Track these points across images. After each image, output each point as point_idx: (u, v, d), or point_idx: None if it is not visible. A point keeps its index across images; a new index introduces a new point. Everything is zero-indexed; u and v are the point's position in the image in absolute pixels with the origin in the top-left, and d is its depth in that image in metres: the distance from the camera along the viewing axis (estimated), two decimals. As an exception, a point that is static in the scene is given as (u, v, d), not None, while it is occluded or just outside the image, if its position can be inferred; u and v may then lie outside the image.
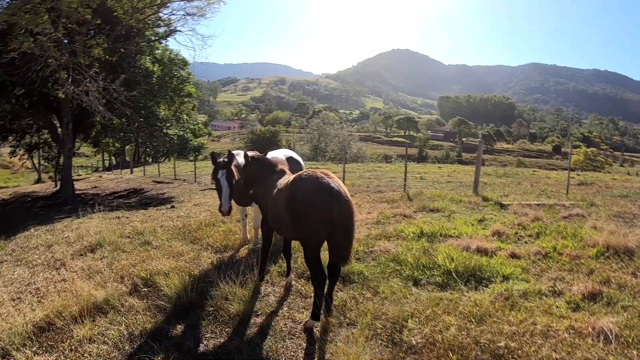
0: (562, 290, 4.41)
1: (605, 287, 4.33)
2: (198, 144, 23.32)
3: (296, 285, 4.60)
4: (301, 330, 3.67)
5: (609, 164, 41.73)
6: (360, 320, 3.70)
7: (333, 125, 55.23)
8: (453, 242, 6.20)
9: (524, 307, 3.93)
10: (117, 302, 4.34)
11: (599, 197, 10.49)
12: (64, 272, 5.84)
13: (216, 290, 4.23)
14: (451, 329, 3.32)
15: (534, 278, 4.83)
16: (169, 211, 10.69)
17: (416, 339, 3.26)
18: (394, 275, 4.84)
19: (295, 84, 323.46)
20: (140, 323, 3.92)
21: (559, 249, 5.77)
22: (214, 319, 3.93)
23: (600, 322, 3.39)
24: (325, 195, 3.42)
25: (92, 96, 11.82)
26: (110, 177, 26.98)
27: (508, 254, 5.68)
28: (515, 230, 7.04)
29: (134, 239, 7.25)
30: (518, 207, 9.34)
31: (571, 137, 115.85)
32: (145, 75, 16.01)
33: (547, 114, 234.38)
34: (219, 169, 5.08)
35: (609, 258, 5.28)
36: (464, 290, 4.45)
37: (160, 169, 26.27)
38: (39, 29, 10.92)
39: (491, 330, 3.34)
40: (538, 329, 3.44)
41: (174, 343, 3.59)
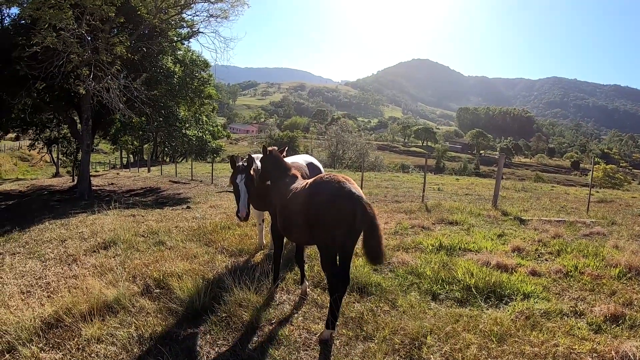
0: (583, 310, 4.25)
1: (627, 309, 4.17)
2: (216, 146, 23.48)
3: (312, 295, 4.50)
4: (316, 342, 3.54)
5: (627, 182, 40.53)
6: (377, 334, 3.58)
7: (351, 132, 55.01)
8: (472, 257, 6.04)
9: (545, 327, 3.79)
10: (128, 302, 4.27)
11: (620, 216, 10.18)
12: (76, 268, 5.85)
13: (230, 296, 4.14)
14: (471, 347, 3.20)
15: (554, 297, 4.66)
16: (185, 212, 10.70)
17: (436, 357, 3.16)
18: (412, 288, 4.73)
19: (314, 90, 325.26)
20: (150, 325, 3.83)
21: (580, 268, 5.58)
22: (227, 326, 3.82)
23: (623, 346, 3.25)
24: (346, 200, 3.36)
25: (112, 93, 11.96)
26: (127, 174, 27.37)
27: (528, 271, 5.50)
28: (535, 247, 6.84)
29: (148, 238, 7.24)
30: (538, 222, 9.11)
31: (590, 152, 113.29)
32: (167, 75, 16.21)
33: (567, 129, 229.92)
34: (238, 173, 5.00)
35: (631, 279, 5.11)
36: (484, 307, 4.31)
37: (177, 169, 26.54)
38: (63, 24, 11.13)
39: (512, 350, 3.22)
40: (560, 350, 3.31)
41: (184, 348, 3.51)
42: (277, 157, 4.63)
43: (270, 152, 4.68)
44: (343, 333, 3.64)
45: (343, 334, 3.64)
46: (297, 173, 4.42)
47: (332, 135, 52.09)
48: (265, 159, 4.67)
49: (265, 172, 4.71)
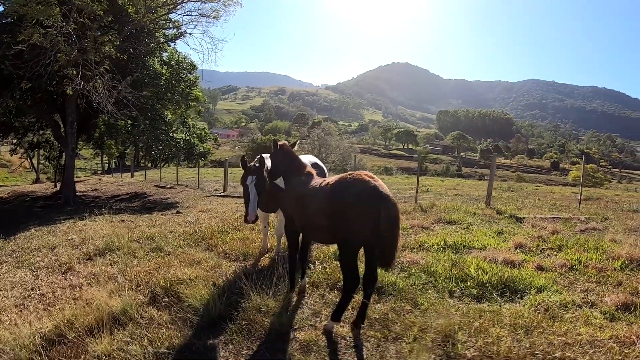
0: (594, 301, 4.43)
1: (636, 298, 4.37)
2: (204, 149, 23.28)
3: (329, 297, 4.48)
4: (347, 346, 3.51)
5: (608, 181, 42.13)
6: (407, 333, 3.61)
7: (334, 136, 55.54)
8: (478, 254, 6.18)
9: (564, 318, 3.94)
10: (135, 313, 4.08)
11: (611, 212, 10.59)
12: (71, 277, 5.65)
13: (247, 302, 4.04)
14: (503, 340, 3.28)
15: (565, 290, 4.82)
16: (175, 216, 10.59)
17: (471, 353, 3.21)
18: (427, 286, 4.80)
19: (295, 94, 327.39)
20: (165, 338, 3.61)
21: (584, 261, 5.81)
22: (249, 334, 3.69)
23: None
24: (373, 198, 3.38)
25: (102, 94, 11.70)
26: (110, 180, 26.86)
27: (534, 266, 5.68)
28: (536, 243, 7.05)
29: (144, 244, 7.09)
30: (534, 220, 9.39)
31: (569, 153, 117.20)
32: (154, 77, 15.97)
33: (545, 130, 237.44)
34: (248, 174, 4.75)
35: (633, 270, 5.37)
36: (501, 302, 4.41)
37: (161, 174, 26.24)
38: (50, 21, 10.83)
39: (542, 341, 3.33)
40: (585, 339, 3.44)
41: None
42: (290, 153, 4.60)
43: (281, 146, 4.65)
44: (371, 335, 3.64)
45: (371, 335, 3.64)
46: (313, 171, 4.41)
47: (315, 138, 52.41)
48: (276, 155, 4.64)
49: (276, 168, 4.67)
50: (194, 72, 18.76)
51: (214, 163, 44.10)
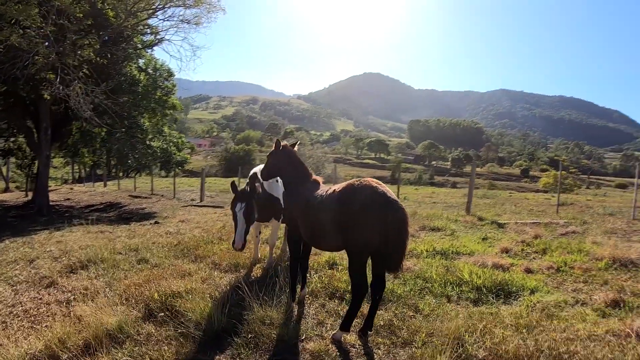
0: (584, 300, 4.71)
1: (623, 295, 4.66)
2: (181, 158, 22.86)
3: (330, 306, 4.52)
4: (358, 354, 3.54)
5: (577, 187, 44.06)
6: (415, 338, 3.70)
7: (307, 146, 56.00)
8: (468, 260, 6.41)
9: (559, 316, 4.18)
10: (132, 329, 3.93)
11: (588, 216, 11.16)
12: (56, 292, 5.44)
13: (251, 314, 4.01)
14: (509, 339, 3.43)
15: (555, 290, 5.09)
16: (154, 227, 10.44)
17: (482, 353, 3.34)
18: (424, 292, 4.94)
19: (267, 103, 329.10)
20: (168, 356, 3.49)
21: (569, 263, 6.16)
22: (256, 346, 3.64)
23: (635, 324, 3.69)
24: (382, 203, 3.47)
25: (81, 99, 11.35)
26: (82, 189, 26.04)
27: (523, 269, 5.97)
28: (521, 247, 7.39)
29: (128, 255, 6.92)
30: (515, 225, 9.82)
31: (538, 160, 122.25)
32: (131, 83, 15.64)
33: (515, 138, 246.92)
34: (238, 201, 4.80)
35: (617, 269, 5.75)
36: (497, 304, 4.60)
37: (136, 183, 25.84)
38: (29, 22, 10.45)
39: (545, 338, 3.51)
40: (583, 334, 3.66)
41: None
42: (294, 157, 4.60)
43: (284, 147, 4.62)
44: (380, 342, 3.70)
45: (380, 342, 3.70)
46: (319, 179, 4.45)
47: (289, 148, 52.55)
48: (277, 155, 4.61)
49: (274, 168, 4.65)
50: (171, 80, 18.51)
51: (186, 172, 43.37)
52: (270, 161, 4.74)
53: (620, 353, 3.24)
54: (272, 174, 4.82)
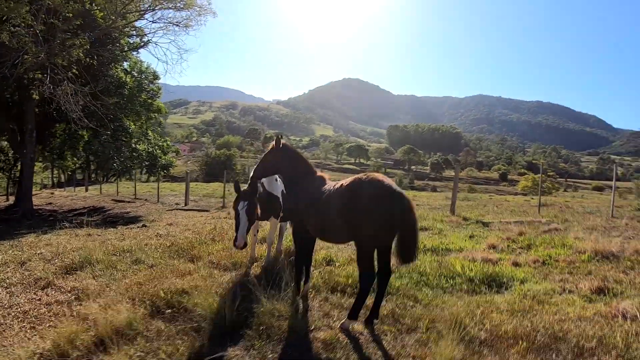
0: (571, 288, 5.09)
1: (606, 284, 5.06)
2: (167, 162, 22.64)
3: (333, 299, 4.73)
4: (367, 340, 3.74)
5: (555, 189, 45.50)
6: (419, 324, 3.96)
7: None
8: (458, 255, 6.75)
9: (550, 302, 4.53)
10: (141, 326, 3.96)
11: (568, 215, 11.72)
12: (54, 292, 5.40)
13: (260, 308, 4.15)
14: (507, 322, 3.74)
15: (543, 280, 5.47)
16: (143, 230, 10.43)
17: (483, 335, 3.63)
18: (421, 284, 5.22)
19: (246, 109, 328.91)
20: (183, 349, 3.56)
21: (554, 256, 6.59)
22: (268, 338, 3.76)
23: (621, 306, 4.07)
24: (390, 197, 3.71)
25: (71, 99, 11.20)
26: (63, 194, 25.46)
27: (510, 263, 6.35)
28: (507, 244, 7.80)
29: (122, 257, 6.90)
30: (499, 224, 10.25)
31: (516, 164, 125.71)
32: (118, 85, 15.49)
33: (493, 143, 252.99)
34: (240, 199, 4.86)
35: (599, 261, 6.20)
36: (490, 293, 4.92)
37: (118, 187, 25.44)
38: (18, 20, 10.26)
39: (539, 320, 3.83)
40: (573, 316, 4.01)
41: None
42: (296, 155, 4.74)
43: (284, 145, 4.72)
44: (385, 329, 3.93)
45: (386, 330, 3.92)
46: (325, 175, 4.64)
47: (270, 153, 52.85)
48: (278, 153, 4.69)
49: (272, 166, 4.74)
50: (156, 83, 18.40)
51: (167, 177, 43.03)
52: (269, 159, 4.77)
53: (609, 330, 3.59)
54: (268, 172, 4.93)
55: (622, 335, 3.46)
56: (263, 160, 4.86)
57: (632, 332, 3.53)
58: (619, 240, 6.93)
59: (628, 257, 6.14)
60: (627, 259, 6.08)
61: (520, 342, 3.44)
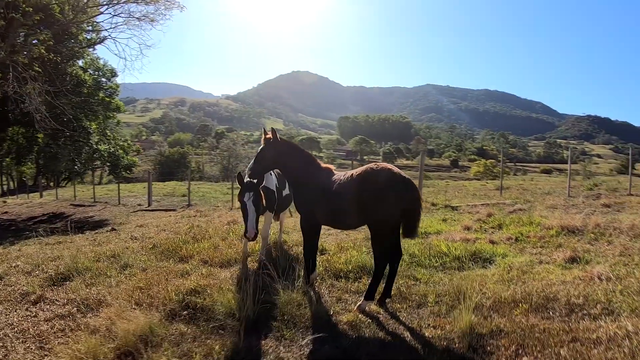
0: (547, 259, 5.83)
1: (576, 253, 5.82)
2: (129, 162, 21.77)
3: (339, 285, 5.13)
4: (386, 318, 4.15)
5: (506, 173, 48.48)
6: (426, 300, 4.45)
7: (243, 145, 56.30)
8: (438, 237, 7.41)
9: (533, 271, 5.20)
10: (163, 330, 3.98)
11: (528, 196, 12.81)
12: (49, 306, 5.14)
13: (279, 299, 4.36)
14: (503, 289, 4.40)
15: (520, 254, 6.19)
16: (114, 234, 10.22)
17: (487, 302, 4.18)
18: (414, 265, 5.76)
19: (195, 105, 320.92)
20: (217, 348, 3.64)
21: (525, 233, 7.39)
22: (295, 325, 4.02)
23: (595, 270, 4.80)
24: (400, 182, 4.15)
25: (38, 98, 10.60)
26: (17, 201, 23.91)
27: (487, 241, 7.05)
28: (479, 225, 8.57)
29: (109, 262, 6.75)
30: (467, 208, 11.08)
31: (466, 151, 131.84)
32: (76, 84, 14.74)
33: (442, 131, 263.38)
34: (245, 190, 4.98)
35: (566, 235, 7.07)
36: (477, 268, 5.56)
37: (75, 192, 24.45)
38: None
39: (529, 285, 4.52)
40: (556, 281, 4.69)
41: (277, 357, 3.57)
42: (297, 148, 5.00)
43: (282, 139, 4.92)
44: (398, 307, 4.37)
45: (398, 307, 4.37)
46: (331, 166, 4.98)
47: (225, 149, 52.28)
48: (278, 146, 4.84)
49: (272, 161, 4.89)
50: (114, 80, 17.75)
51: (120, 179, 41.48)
52: (269, 154, 4.85)
53: (591, 290, 4.28)
54: (268, 168, 5.06)
55: (603, 293, 4.15)
56: (261, 156, 4.90)
57: (610, 290, 4.24)
58: (581, 216, 7.87)
59: (591, 231, 7.08)
60: (590, 232, 7.01)
61: (520, 305, 4.03)
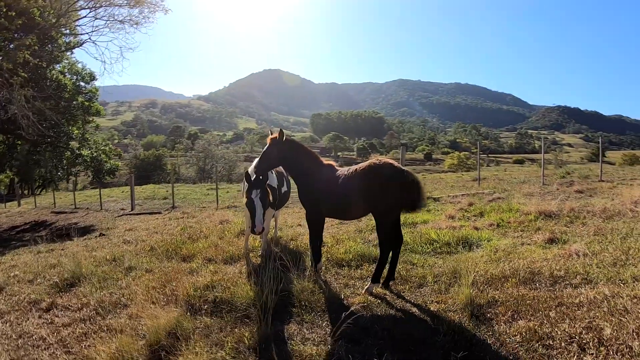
0: (528, 241, 6.45)
1: (554, 235, 6.47)
2: (112, 166, 21.39)
3: (343, 272, 5.58)
4: (393, 298, 4.61)
5: (480, 165, 49.99)
6: (425, 281, 4.97)
7: (218, 146, 56.14)
8: (425, 226, 7.95)
9: (518, 251, 5.80)
10: (189, 324, 4.16)
11: (505, 185, 13.60)
12: (63, 312, 5.18)
13: (294, 287, 4.73)
14: (493, 267, 4.98)
15: (503, 238, 6.78)
16: (105, 239, 10.30)
17: (480, 279, 4.72)
18: (408, 251, 6.28)
19: (167, 106, 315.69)
20: (248, 336, 3.89)
21: (505, 219, 8.01)
22: (312, 310, 4.38)
23: (572, 248, 5.42)
24: (402, 174, 4.64)
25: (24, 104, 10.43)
26: None
27: (471, 228, 7.64)
28: (462, 213, 9.18)
29: (112, 266, 6.89)
30: (448, 198, 11.70)
31: (439, 144, 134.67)
32: (57, 88, 14.59)
33: (415, 125, 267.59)
34: (253, 188, 5.24)
35: (544, 220, 7.75)
36: (466, 252, 6.13)
37: (55, 199, 24.07)
38: None
39: (519, 261, 5.12)
40: (539, 258, 5.29)
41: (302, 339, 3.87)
42: (302, 146, 5.38)
43: (287, 138, 5.29)
44: (400, 288, 4.86)
45: (401, 288, 4.86)
46: (333, 163, 5.40)
47: (200, 150, 51.99)
48: (284, 145, 5.23)
49: (276, 159, 5.27)
50: (92, 84, 17.50)
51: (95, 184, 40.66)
52: (274, 153, 5.23)
53: (571, 264, 4.89)
54: (273, 165, 5.45)
55: (581, 266, 4.77)
56: (267, 154, 5.26)
57: (587, 264, 4.86)
58: (556, 202, 8.59)
59: (566, 215, 7.82)
60: (566, 216, 7.74)
61: (510, 279, 4.59)
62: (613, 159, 52.02)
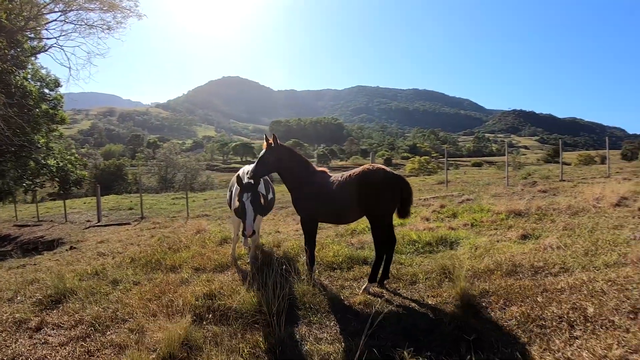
0: (503, 239, 6.99)
1: (526, 232, 7.07)
2: (79, 176, 20.40)
3: (335, 274, 5.85)
4: (390, 295, 4.90)
5: (440, 168, 51.61)
6: (418, 278, 5.31)
7: (179, 155, 55.30)
8: (403, 228, 8.31)
9: (496, 247, 6.28)
10: (198, 333, 4.21)
11: (472, 187, 14.32)
12: (56, 332, 5.00)
13: (294, 290, 4.92)
14: (479, 263, 5.42)
15: (479, 237, 7.28)
16: (77, 252, 9.99)
17: (469, 273, 5.15)
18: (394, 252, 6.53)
19: (124, 114, 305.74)
20: (261, 341, 4.02)
21: (478, 219, 8.54)
22: (317, 312, 4.61)
23: (546, 242, 5.99)
24: (395, 179, 4.96)
25: None
26: None
27: (447, 228, 8.10)
28: (436, 215, 9.69)
29: (96, 279, 6.71)
30: (419, 201, 12.20)
31: (399, 149, 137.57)
32: (22, 95, 13.97)
33: (374, 131, 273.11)
34: (244, 191, 5.32)
35: (514, 218, 8.37)
36: (447, 250, 6.58)
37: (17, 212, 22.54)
38: None
39: (499, 256, 5.60)
40: (516, 252, 5.81)
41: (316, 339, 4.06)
42: (296, 153, 5.60)
43: (282, 145, 5.55)
44: (395, 286, 5.18)
45: (395, 287, 5.17)
46: (325, 169, 5.63)
47: (162, 159, 50.93)
48: (279, 151, 5.49)
49: (272, 165, 5.49)
50: (57, 91, 16.78)
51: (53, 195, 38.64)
52: (270, 158, 5.46)
53: (547, 256, 5.43)
54: (270, 170, 5.64)
55: (557, 257, 5.31)
56: (263, 159, 5.48)
57: (562, 255, 5.42)
58: (524, 201, 9.30)
59: (534, 213, 8.50)
60: (534, 214, 8.42)
61: (495, 272, 5.05)
62: (569, 159, 55.55)
